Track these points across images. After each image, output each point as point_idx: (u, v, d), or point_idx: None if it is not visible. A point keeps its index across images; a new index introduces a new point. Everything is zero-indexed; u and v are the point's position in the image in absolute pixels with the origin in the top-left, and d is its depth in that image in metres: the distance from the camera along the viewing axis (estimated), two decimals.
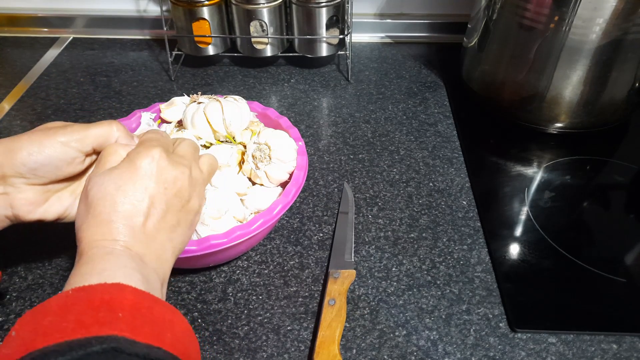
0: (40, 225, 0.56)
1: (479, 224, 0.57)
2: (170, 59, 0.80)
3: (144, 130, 0.52)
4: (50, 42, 0.90)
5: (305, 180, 0.52)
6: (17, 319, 0.27)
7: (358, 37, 0.91)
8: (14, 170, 0.37)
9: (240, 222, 0.48)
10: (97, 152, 0.40)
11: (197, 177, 0.40)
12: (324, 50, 0.79)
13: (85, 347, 0.24)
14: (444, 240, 0.55)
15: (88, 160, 0.41)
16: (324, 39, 0.77)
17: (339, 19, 0.76)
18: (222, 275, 0.52)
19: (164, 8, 0.86)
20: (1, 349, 0.26)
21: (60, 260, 0.53)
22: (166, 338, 0.28)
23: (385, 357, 0.45)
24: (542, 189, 0.61)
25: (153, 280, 0.33)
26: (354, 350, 0.45)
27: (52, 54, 0.87)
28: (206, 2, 0.74)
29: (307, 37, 0.77)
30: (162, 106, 0.55)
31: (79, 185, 0.42)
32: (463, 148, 0.68)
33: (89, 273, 0.30)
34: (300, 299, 0.50)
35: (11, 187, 0.38)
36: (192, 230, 0.39)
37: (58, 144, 0.37)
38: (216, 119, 0.50)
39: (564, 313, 0.48)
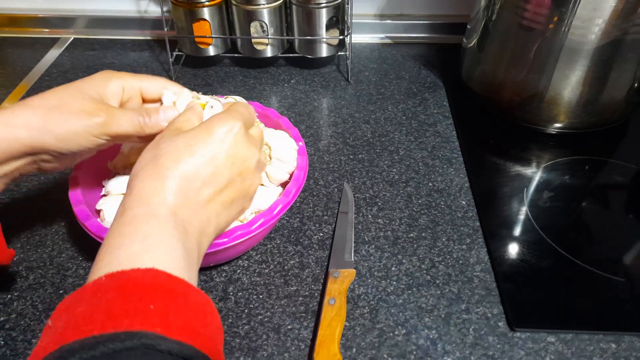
0: (40, 225, 0.57)
1: (478, 224, 0.57)
2: (170, 60, 0.80)
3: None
4: (51, 42, 0.90)
5: (305, 180, 0.52)
6: (57, 305, 0.27)
7: (358, 38, 0.91)
8: (47, 150, 0.38)
9: (241, 222, 0.48)
10: None
11: (262, 164, 0.41)
12: (324, 51, 0.79)
13: (114, 342, 0.24)
14: (444, 239, 0.56)
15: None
16: (324, 39, 0.78)
17: (338, 20, 0.77)
18: (223, 275, 0.52)
19: (165, 9, 0.87)
20: (41, 341, 0.26)
21: (62, 259, 0.53)
22: (198, 333, 0.27)
23: (385, 356, 0.45)
24: (542, 189, 0.61)
25: (193, 253, 0.32)
26: (354, 349, 0.46)
27: (53, 54, 0.87)
28: (207, 3, 0.74)
29: (307, 37, 0.78)
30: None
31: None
32: (462, 148, 0.68)
33: (130, 236, 0.30)
34: (300, 298, 0.50)
35: (42, 160, 0.40)
36: (239, 215, 0.39)
37: (87, 135, 0.38)
38: None
39: (563, 312, 0.48)
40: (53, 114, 0.37)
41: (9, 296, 0.49)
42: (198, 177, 0.34)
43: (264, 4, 0.74)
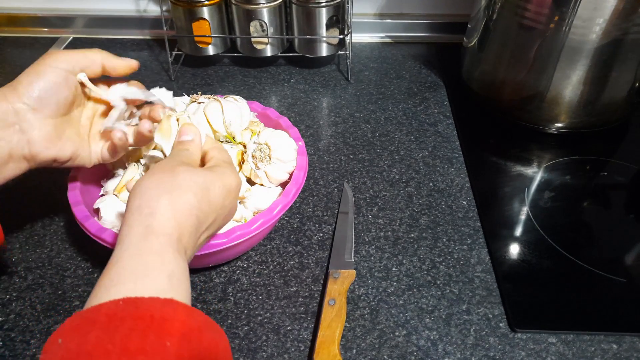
0: (39, 226, 0.56)
1: (478, 224, 0.57)
2: (170, 59, 0.80)
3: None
4: (51, 42, 0.90)
5: (305, 180, 0.52)
6: (66, 320, 0.27)
7: (358, 37, 0.91)
8: (22, 101, 0.40)
9: (238, 221, 0.48)
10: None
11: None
12: (324, 50, 0.79)
13: None
14: (444, 240, 0.55)
15: (79, 88, 0.44)
16: (324, 39, 0.77)
17: (339, 19, 0.76)
18: (222, 275, 0.52)
19: (164, 8, 0.86)
20: (45, 353, 0.26)
21: (60, 260, 0.53)
22: None
23: (385, 357, 0.45)
24: (542, 189, 0.61)
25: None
26: (354, 350, 0.45)
27: None
28: (206, 2, 0.74)
29: (307, 37, 0.77)
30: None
31: (81, 127, 0.45)
32: (463, 148, 0.67)
33: (155, 270, 0.30)
34: (300, 299, 0.50)
35: (25, 122, 0.40)
36: None
37: (50, 68, 0.41)
38: (216, 119, 0.50)
39: (564, 313, 0.48)
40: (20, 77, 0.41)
41: (7, 297, 0.49)
42: (206, 221, 0.36)
43: (263, 3, 0.74)
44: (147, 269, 0.30)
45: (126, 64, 0.45)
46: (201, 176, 0.36)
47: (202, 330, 0.28)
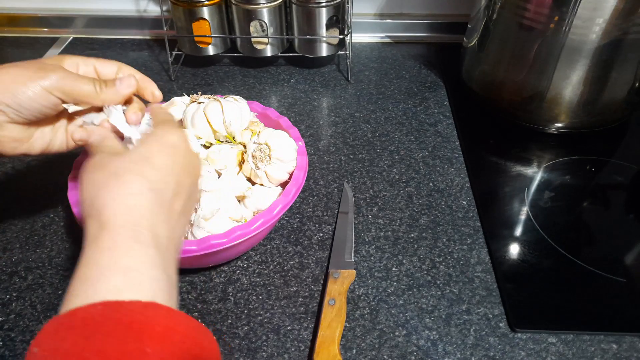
0: (39, 226, 0.56)
1: (478, 224, 0.57)
2: (170, 59, 0.80)
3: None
4: (51, 42, 0.90)
5: (305, 180, 0.52)
6: (42, 328, 0.25)
7: (358, 37, 0.91)
8: (2, 107, 0.36)
9: (237, 221, 0.48)
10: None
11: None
12: (324, 50, 0.79)
13: None
14: (444, 240, 0.55)
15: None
16: (324, 39, 0.77)
17: (339, 19, 0.76)
18: (222, 275, 0.52)
19: (164, 8, 0.86)
20: None
21: (60, 260, 0.53)
22: None
23: (385, 357, 0.45)
24: (542, 189, 0.61)
25: (173, 275, 0.30)
26: (354, 350, 0.45)
27: (52, 54, 0.87)
28: (206, 2, 0.74)
29: (307, 37, 0.77)
30: (162, 106, 0.55)
31: (59, 120, 0.42)
32: (463, 148, 0.68)
33: (110, 267, 0.28)
34: (300, 299, 0.50)
35: None
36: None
37: (41, 89, 0.37)
38: (216, 119, 0.50)
39: (564, 313, 0.48)
40: (10, 71, 0.36)
41: (7, 297, 0.49)
42: (167, 188, 0.32)
43: (263, 3, 0.74)
44: (102, 271, 0.28)
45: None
46: (133, 153, 0.33)
47: (185, 333, 0.27)
